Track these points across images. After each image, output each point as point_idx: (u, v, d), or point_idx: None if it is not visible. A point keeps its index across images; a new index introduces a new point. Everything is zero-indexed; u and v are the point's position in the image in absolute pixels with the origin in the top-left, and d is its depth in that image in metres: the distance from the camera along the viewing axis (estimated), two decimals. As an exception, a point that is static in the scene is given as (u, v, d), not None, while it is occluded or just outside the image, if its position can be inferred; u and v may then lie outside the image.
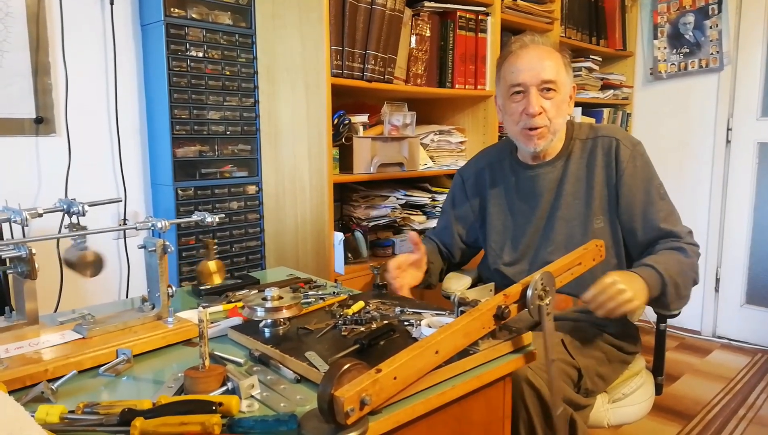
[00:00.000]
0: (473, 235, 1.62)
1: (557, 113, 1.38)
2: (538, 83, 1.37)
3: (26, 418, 0.56)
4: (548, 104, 1.37)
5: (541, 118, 1.38)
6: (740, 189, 2.99)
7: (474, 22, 2.24)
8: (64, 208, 1.00)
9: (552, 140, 1.41)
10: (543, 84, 1.37)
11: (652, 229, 1.36)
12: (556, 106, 1.38)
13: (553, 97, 1.37)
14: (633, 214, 1.37)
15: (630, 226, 1.38)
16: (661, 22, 3.16)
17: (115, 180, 1.89)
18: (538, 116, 1.37)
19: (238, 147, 2.00)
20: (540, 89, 1.37)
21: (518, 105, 1.39)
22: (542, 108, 1.37)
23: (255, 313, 0.98)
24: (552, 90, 1.37)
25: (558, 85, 1.37)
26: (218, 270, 1.07)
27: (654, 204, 1.37)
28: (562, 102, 1.40)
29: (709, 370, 2.69)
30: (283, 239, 2.02)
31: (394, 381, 0.73)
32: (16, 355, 0.88)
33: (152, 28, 1.83)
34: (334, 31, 1.79)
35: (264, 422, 0.70)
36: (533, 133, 1.39)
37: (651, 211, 1.36)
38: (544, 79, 1.36)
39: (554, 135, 1.40)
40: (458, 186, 1.63)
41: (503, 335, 0.94)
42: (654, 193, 1.38)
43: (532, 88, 1.37)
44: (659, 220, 1.35)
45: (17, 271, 0.94)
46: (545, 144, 1.41)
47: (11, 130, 1.67)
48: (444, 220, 1.67)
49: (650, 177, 1.39)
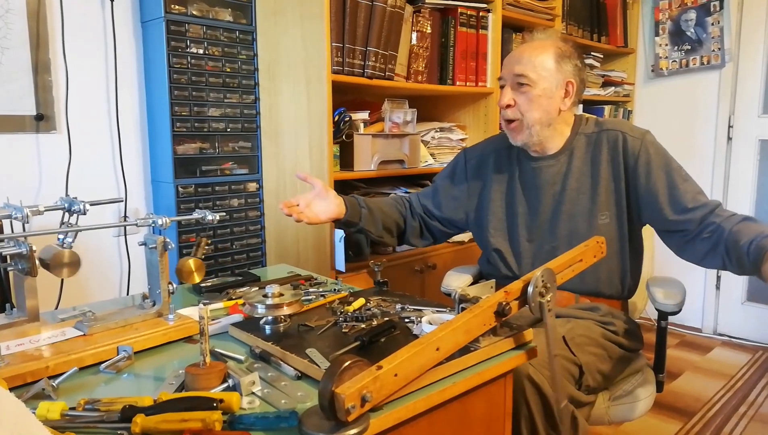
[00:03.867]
0: (458, 215, 1.58)
1: (530, 107, 1.38)
2: (511, 77, 1.39)
3: (27, 415, 0.56)
4: (522, 98, 1.38)
5: (512, 112, 1.39)
6: (741, 186, 2.98)
7: (475, 19, 2.24)
8: (65, 207, 1.00)
9: (532, 135, 1.40)
10: (516, 78, 1.38)
11: (684, 210, 1.32)
12: (529, 100, 1.38)
13: (526, 91, 1.37)
14: (658, 201, 1.34)
15: (659, 214, 1.35)
16: (663, 18, 3.16)
17: (115, 177, 1.89)
18: (508, 109, 1.39)
19: (239, 144, 1.99)
20: (515, 83, 1.38)
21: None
22: (514, 101, 1.38)
23: (256, 310, 0.98)
24: (525, 84, 1.37)
25: (532, 79, 1.36)
26: (198, 269, 1.06)
27: (678, 187, 1.34)
28: (539, 96, 1.38)
29: (709, 368, 2.69)
30: (284, 236, 2.02)
31: (395, 378, 0.73)
32: (17, 351, 0.88)
33: (152, 25, 1.83)
34: (335, 27, 1.79)
35: (265, 419, 0.70)
36: (509, 127, 1.42)
37: (677, 194, 1.33)
38: (515, 73, 1.38)
39: (531, 129, 1.39)
40: (460, 164, 1.60)
41: (504, 332, 0.94)
42: (675, 175, 1.35)
43: (508, 82, 1.40)
44: (687, 201, 1.32)
45: (18, 267, 0.94)
46: (524, 138, 1.41)
47: (12, 127, 1.67)
48: (432, 188, 1.63)
49: (667, 161, 1.37)
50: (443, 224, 1.61)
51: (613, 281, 1.41)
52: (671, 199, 1.34)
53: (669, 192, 1.34)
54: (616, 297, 1.44)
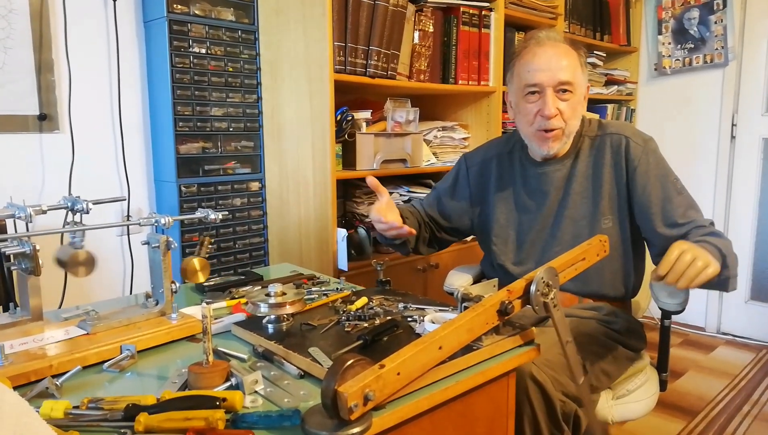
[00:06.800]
0: (464, 223, 1.58)
1: (572, 114, 1.35)
2: (555, 84, 1.32)
3: (31, 414, 0.56)
4: (564, 106, 1.34)
5: (557, 120, 1.34)
6: (745, 185, 2.97)
7: (477, 18, 2.24)
8: (68, 206, 1.00)
9: (566, 142, 1.39)
10: (560, 85, 1.32)
11: (673, 225, 1.31)
12: (572, 107, 1.35)
13: (569, 98, 1.34)
14: (650, 212, 1.33)
15: (649, 224, 1.34)
16: (666, 17, 3.15)
17: (118, 176, 1.89)
18: (554, 118, 1.34)
19: (241, 143, 2.00)
20: (556, 90, 1.33)
21: (533, 106, 1.36)
22: (558, 110, 1.34)
23: (258, 309, 0.98)
24: (568, 91, 1.33)
25: (574, 86, 1.34)
26: (202, 268, 1.06)
27: (671, 200, 1.32)
28: (578, 103, 1.36)
29: (713, 367, 2.69)
30: (287, 236, 2.02)
31: (398, 377, 0.73)
32: (20, 350, 0.89)
33: (155, 25, 1.83)
34: (338, 27, 1.79)
35: (268, 418, 0.70)
36: (548, 136, 1.36)
37: (669, 207, 1.32)
38: (561, 81, 1.32)
39: (569, 137, 1.38)
40: (462, 172, 1.59)
41: (507, 331, 0.94)
42: (671, 188, 1.34)
43: (548, 90, 1.33)
44: (678, 215, 1.31)
45: (21, 267, 0.94)
46: (559, 146, 1.38)
47: (15, 127, 1.67)
48: (435, 198, 1.61)
49: (665, 173, 1.35)
50: (450, 234, 1.62)
51: (616, 284, 1.40)
52: (663, 211, 1.33)
53: (662, 204, 1.33)
54: (620, 299, 1.43)
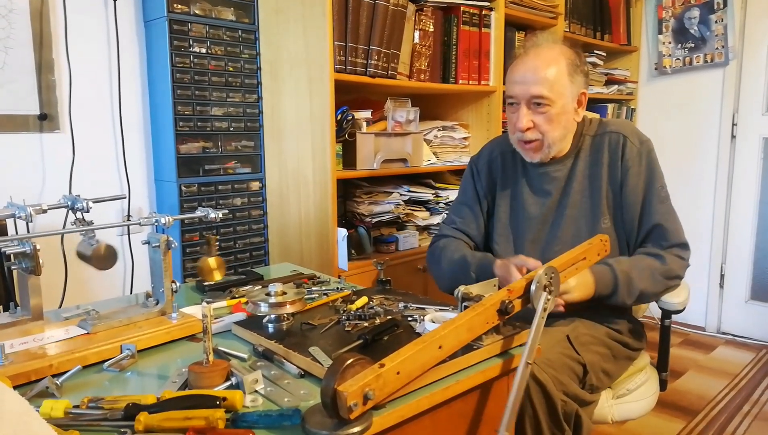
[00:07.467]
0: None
1: (551, 127, 1.34)
2: (527, 98, 1.32)
3: (31, 413, 0.56)
4: (540, 119, 1.33)
5: (532, 133, 1.34)
6: (745, 184, 2.97)
7: (477, 17, 2.24)
8: (68, 205, 1.00)
9: (550, 152, 1.38)
10: (533, 99, 1.32)
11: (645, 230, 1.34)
12: (548, 120, 1.33)
13: (546, 111, 1.33)
14: (633, 215, 1.35)
15: (631, 226, 1.36)
16: (666, 16, 3.15)
17: (118, 176, 1.89)
18: (528, 131, 1.34)
19: (242, 143, 2.00)
20: (531, 104, 1.33)
21: (513, 116, 1.37)
22: (533, 122, 1.34)
23: (259, 309, 0.98)
24: (544, 105, 1.32)
25: (551, 99, 1.32)
26: (218, 266, 1.07)
27: (652, 205, 1.34)
28: (559, 114, 1.34)
29: (713, 366, 2.69)
30: (287, 235, 2.02)
31: (398, 376, 0.73)
32: (21, 350, 0.89)
33: (155, 24, 1.83)
34: (338, 26, 1.79)
35: (268, 417, 0.70)
36: (527, 147, 1.38)
37: (648, 212, 1.34)
38: (534, 95, 1.31)
39: (551, 147, 1.37)
40: (474, 176, 1.56)
41: (507, 330, 0.94)
42: (654, 195, 1.34)
43: (522, 102, 1.33)
44: (652, 221, 1.33)
45: (22, 266, 0.94)
46: (542, 156, 1.38)
47: (15, 127, 1.67)
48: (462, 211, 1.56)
49: (653, 179, 1.36)
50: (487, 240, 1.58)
51: None
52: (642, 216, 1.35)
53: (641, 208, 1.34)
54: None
